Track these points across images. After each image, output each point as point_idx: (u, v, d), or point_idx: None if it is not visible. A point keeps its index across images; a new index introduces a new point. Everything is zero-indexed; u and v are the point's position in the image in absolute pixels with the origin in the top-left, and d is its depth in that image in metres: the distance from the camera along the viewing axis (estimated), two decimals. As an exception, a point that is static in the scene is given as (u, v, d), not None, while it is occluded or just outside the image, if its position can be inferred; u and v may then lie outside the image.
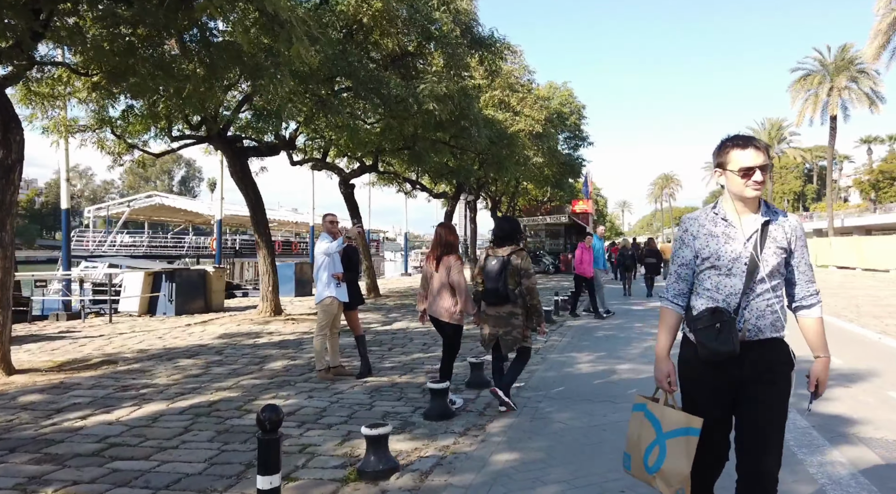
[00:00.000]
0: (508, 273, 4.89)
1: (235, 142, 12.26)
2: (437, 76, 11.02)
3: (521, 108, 19.33)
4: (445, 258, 5.13)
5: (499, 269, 4.88)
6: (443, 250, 5.17)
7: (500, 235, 5.12)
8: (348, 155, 16.41)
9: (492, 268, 4.94)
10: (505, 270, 4.88)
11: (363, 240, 17.36)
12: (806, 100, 39.92)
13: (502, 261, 4.92)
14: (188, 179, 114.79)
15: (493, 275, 4.90)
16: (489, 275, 4.95)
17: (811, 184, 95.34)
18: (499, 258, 4.95)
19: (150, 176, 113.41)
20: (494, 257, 4.99)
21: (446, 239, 5.22)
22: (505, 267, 4.89)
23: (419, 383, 6.34)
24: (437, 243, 5.27)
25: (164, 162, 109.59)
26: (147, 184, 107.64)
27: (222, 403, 5.47)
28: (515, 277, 4.91)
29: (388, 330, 10.30)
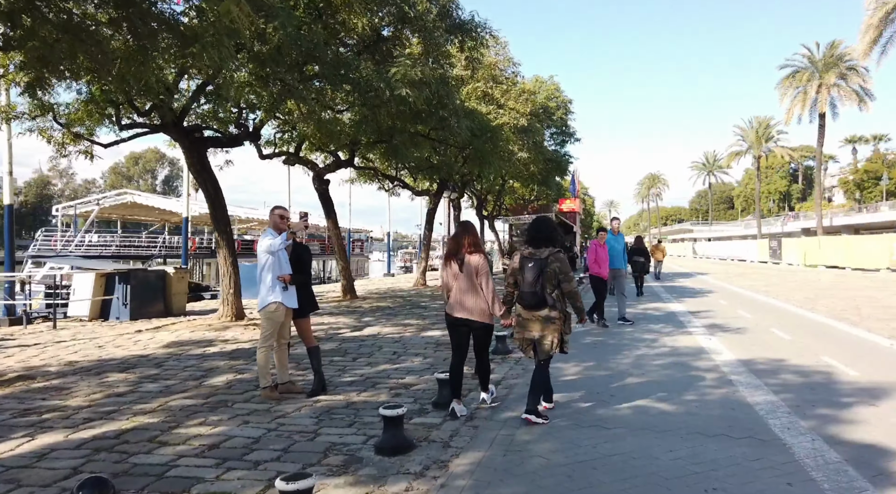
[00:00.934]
0: (546, 276, 4.69)
1: (194, 132, 11.27)
2: (411, 60, 10.11)
3: (505, 101, 18.48)
4: (470, 257, 4.97)
5: (537, 272, 4.69)
6: (466, 249, 5.01)
7: (537, 236, 4.88)
8: (321, 148, 15.45)
9: (529, 271, 4.73)
10: (543, 273, 4.68)
11: (339, 238, 16.42)
12: (794, 97, 39.55)
13: (540, 264, 4.71)
14: (172, 178, 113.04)
15: (531, 279, 4.70)
16: (526, 278, 4.74)
17: (797, 183, 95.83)
18: (536, 260, 4.74)
19: (132, 175, 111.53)
20: (531, 259, 4.76)
21: (469, 238, 5.09)
22: (543, 270, 4.69)
23: (379, 402, 5.44)
24: (459, 242, 5.10)
25: (148, 161, 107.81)
26: (130, 183, 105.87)
27: (134, 433, 4.53)
28: (553, 281, 4.73)
29: (357, 337, 9.39)
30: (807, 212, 70.90)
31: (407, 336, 9.51)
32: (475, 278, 4.93)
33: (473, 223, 5.92)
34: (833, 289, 18.18)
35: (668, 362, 7.20)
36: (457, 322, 5.01)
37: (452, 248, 5.13)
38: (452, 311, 5.01)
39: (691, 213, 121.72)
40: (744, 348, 8.04)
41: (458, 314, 4.98)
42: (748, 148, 57.54)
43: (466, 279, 4.95)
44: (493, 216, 38.33)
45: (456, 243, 5.12)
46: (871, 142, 75.07)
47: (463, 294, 4.96)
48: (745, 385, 5.92)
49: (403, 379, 6.44)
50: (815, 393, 5.57)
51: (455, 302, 5.00)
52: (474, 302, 4.92)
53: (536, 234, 4.90)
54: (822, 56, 38.95)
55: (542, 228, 4.92)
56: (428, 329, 10.31)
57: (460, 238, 5.12)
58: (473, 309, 4.93)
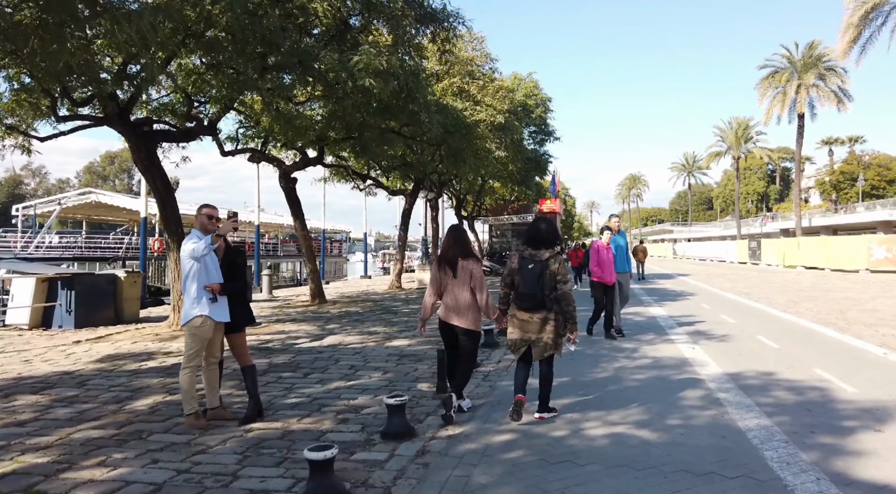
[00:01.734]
0: (546, 278, 4.67)
1: (142, 125, 10.43)
2: (375, 48, 9.39)
3: (481, 97, 17.84)
4: (464, 262, 4.92)
5: (537, 274, 4.66)
6: (459, 253, 4.95)
7: (537, 238, 4.82)
8: (286, 145, 14.66)
9: (529, 272, 4.69)
10: (543, 275, 4.66)
11: (307, 240, 15.63)
12: (774, 98, 39.55)
13: (541, 265, 4.69)
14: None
15: (531, 280, 4.67)
16: (525, 279, 4.70)
17: (774, 184, 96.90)
18: (537, 262, 4.71)
19: (108, 174, 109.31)
20: (532, 261, 4.74)
21: (462, 242, 5.04)
22: (543, 271, 4.67)
23: (320, 432, 4.73)
24: (451, 246, 5.03)
25: (124, 160, 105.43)
26: (105, 183, 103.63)
27: (8, 480, 3.75)
28: (551, 282, 4.70)
29: (315, 348, 8.64)
30: (784, 213, 71.51)
31: (370, 346, 8.79)
32: (469, 283, 4.87)
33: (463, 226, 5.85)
34: (814, 291, 17.86)
35: (650, 376, 6.58)
36: (446, 326, 5.01)
37: (446, 252, 5.05)
38: (445, 317, 4.98)
39: (671, 214, 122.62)
40: (730, 359, 7.47)
41: (450, 319, 4.95)
42: (727, 148, 57.76)
43: (460, 284, 4.89)
44: (473, 216, 37.71)
45: (450, 247, 5.04)
46: (847, 143, 76.02)
47: (456, 299, 4.90)
48: (735, 405, 5.31)
49: (355, 399, 5.73)
50: (812, 416, 4.98)
51: (448, 307, 4.95)
52: (467, 307, 4.89)
53: (536, 235, 4.83)
54: (801, 56, 39.00)
55: (543, 229, 4.86)
56: (394, 337, 9.60)
57: (454, 242, 5.04)
58: (465, 315, 4.89)
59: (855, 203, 59.98)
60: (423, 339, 9.34)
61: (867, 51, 25.49)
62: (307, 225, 16.09)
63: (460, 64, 17.86)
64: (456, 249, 5.01)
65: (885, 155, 73.15)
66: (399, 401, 4.50)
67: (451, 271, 4.97)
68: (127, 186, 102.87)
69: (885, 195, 62.62)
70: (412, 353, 8.12)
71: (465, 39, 19.27)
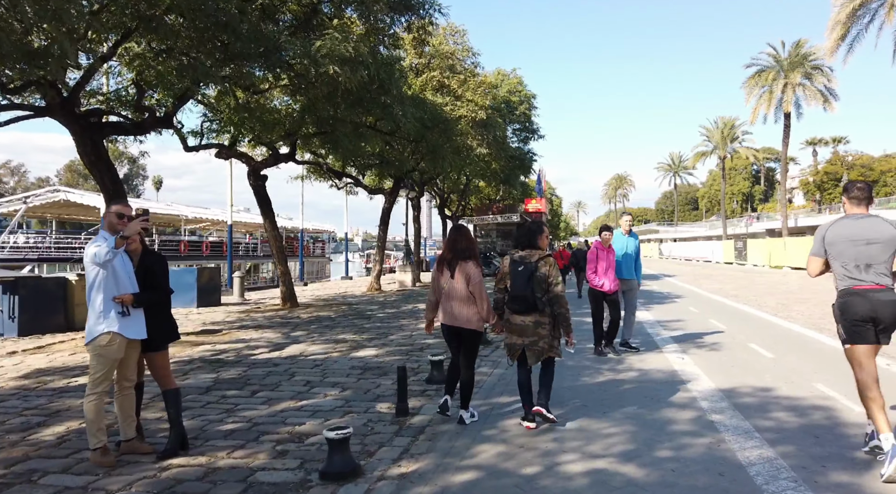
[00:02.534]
0: (536, 280, 4.67)
1: (89, 116, 9.60)
2: (341, 33, 8.66)
3: (462, 92, 17.16)
4: (463, 264, 4.87)
5: (527, 276, 4.66)
6: (459, 255, 4.90)
7: (526, 240, 4.86)
8: (255, 140, 13.87)
9: (519, 275, 4.70)
10: (533, 277, 4.66)
11: (277, 240, 14.84)
12: (760, 97, 39.29)
13: (531, 268, 4.68)
14: (131, 177, 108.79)
15: (521, 283, 4.67)
16: (516, 282, 4.71)
17: (759, 185, 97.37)
18: (526, 264, 4.71)
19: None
20: (521, 263, 4.74)
21: (462, 243, 4.96)
22: (533, 274, 4.67)
23: (251, 468, 4.01)
24: (452, 248, 4.98)
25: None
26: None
27: None
28: (543, 284, 4.70)
29: (272, 360, 7.90)
30: (769, 213, 71.71)
31: (333, 357, 8.06)
32: (469, 285, 4.81)
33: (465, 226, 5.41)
34: (803, 293, 17.41)
35: (636, 393, 5.93)
36: (449, 329, 4.96)
37: (446, 254, 5.01)
38: (446, 319, 4.95)
39: (657, 214, 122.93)
40: (723, 371, 6.86)
41: (450, 321, 4.91)
42: (713, 148, 57.62)
43: (459, 286, 4.84)
44: (458, 216, 37.07)
45: (450, 249, 4.98)
46: (831, 144, 76.41)
47: (455, 301, 4.87)
48: (732, 431, 4.67)
49: (302, 425, 5.01)
50: (820, 444, 4.35)
51: (447, 309, 4.92)
52: (467, 309, 4.84)
53: (525, 238, 4.84)
54: (788, 55, 38.78)
55: (532, 231, 4.87)
56: (362, 346, 8.88)
57: (454, 243, 4.98)
58: (466, 317, 4.85)
59: (839, 203, 60.20)
60: (392, 349, 8.64)
61: (854, 49, 25.22)
62: (290, 224, 15.34)
63: (440, 57, 17.18)
64: (455, 250, 4.94)
65: (867, 156, 73.71)
66: (341, 435, 3.79)
67: (450, 272, 4.91)
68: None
69: (867, 195, 62.91)
70: (377, 366, 7.41)
71: (447, 33, 18.61)
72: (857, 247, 3.94)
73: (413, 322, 11.87)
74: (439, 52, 16.95)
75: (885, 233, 3.90)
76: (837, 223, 4.09)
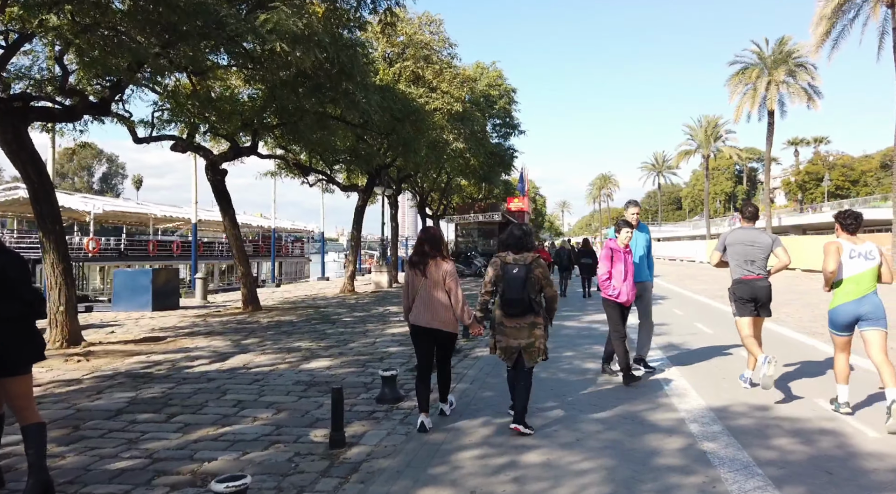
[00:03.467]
0: (531, 281, 4.66)
1: (11, 101, 8.60)
2: (291, 7, 7.75)
3: (438, 84, 16.33)
4: (434, 262, 4.83)
5: (523, 278, 4.63)
6: (428, 254, 4.85)
7: (518, 243, 4.82)
8: (210, 132, 12.91)
9: (514, 277, 4.66)
10: (528, 279, 4.64)
11: (237, 239, 13.88)
12: (744, 94, 38.95)
13: (526, 270, 4.66)
14: (110, 176, 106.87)
15: (517, 285, 4.63)
16: (511, 285, 4.66)
17: (741, 185, 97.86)
18: (521, 266, 4.69)
19: (66, 172, 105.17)
20: (515, 265, 4.71)
21: (430, 242, 4.92)
22: (528, 275, 4.64)
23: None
24: (421, 247, 4.92)
25: (83, 157, 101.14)
26: (64, 181, 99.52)
27: None
28: (536, 286, 4.73)
29: (208, 373, 6.99)
30: (752, 213, 71.72)
31: (279, 370, 7.17)
32: (443, 285, 4.78)
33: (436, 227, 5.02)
34: (789, 294, 16.84)
35: (616, 415, 5.14)
36: (422, 331, 4.84)
37: (418, 254, 4.93)
38: (418, 320, 4.83)
39: (641, 215, 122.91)
40: (713, 384, 6.10)
41: (425, 323, 4.79)
42: (697, 147, 57.42)
43: (433, 286, 4.79)
44: (439, 215, 36.26)
45: (422, 248, 4.92)
46: (813, 144, 76.90)
47: (430, 301, 4.79)
48: (728, 465, 3.89)
49: (212, 461, 4.13)
50: (836, 485, 3.58)
51: (421, 310, 4.82)
52: (442, 310, 4.78)
53: (517, 241, 4.81)
54: (772, 52, 38.47)
55: (522, 234, 4.85)
56: (316, 356, 8.00)
57: (426, 243, 4.92)
58: (441, 318, 4.79)
59: (821, 203, 60.45)
60: (349, 359, 7.78)
61: (840, 45, 24.80)
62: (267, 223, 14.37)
63: (414, 47, 16.32)
64: (426, 250, 4.86)
65: (847, 156, 74.30)
66: (232, 489, 2.92)
67: (421, 272, 4.83)
68: (87, 184, 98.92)
69: (849, 195, 63.38)
70: (326, 380, 6.55)
71: (422, 22, 17.77)
72: (745, 249, 5.64)
73: (380, 326, 11.02)
74: (413, 41, 16.10)
75: (764, 240, 5.69)
76: (735, 231, 5.85)
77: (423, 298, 4.82)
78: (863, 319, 4.86)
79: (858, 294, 4.86)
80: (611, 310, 6.28)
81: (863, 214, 5.36)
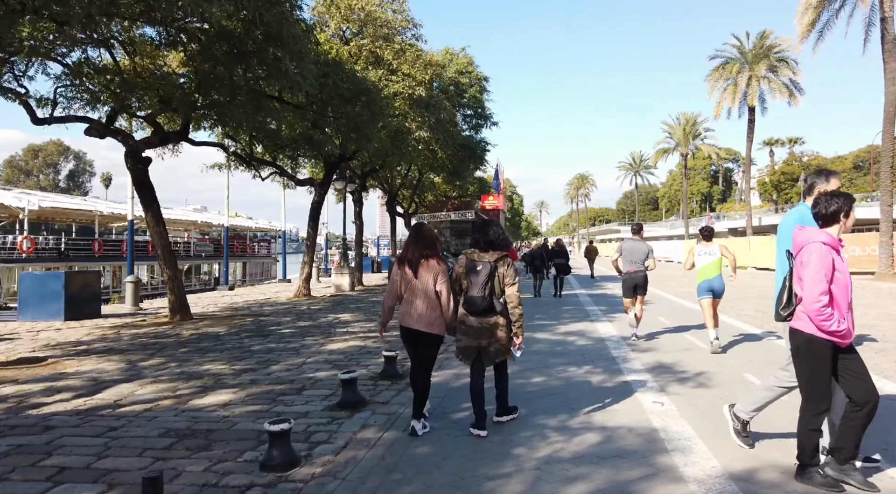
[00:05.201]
0: (495, 281, 4.53)
1: None
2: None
3: (398, 65, 14.67)
4: (427, 262, 4.61)
5: (486, 277, 4.50)
6: (422, 253, 4.62)
7: (485, 240, 4.62)
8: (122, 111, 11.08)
9: (477, 276, 4.53)
10: (492, 278, 4.51)
11: (162, 238, 12.03)
12: (724, 90, 37.99)
13: (490, 269, 4.52)
14: (77, 174, 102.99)
15: (480, 284, 4.50)
16: (474, 283, 4.53)
17: (717, 185, 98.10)
18: (485, 264, 4.55)
19: (31, 169, 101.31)
20: (480, 263, 4.56)
21: (425, 241, 4.67)
22: (492, 274, 4.51)
23: None
24: (413, 245, 4.67)
25: (49, 154, 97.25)
26: (28, 179, 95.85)
27: None
28: (501, 285, 4.56)
29: (55, 416, 5.24)
30: (727, 213, 71.65)
31: (157, 409, 5.45)
32: (434, 285, 4.57)
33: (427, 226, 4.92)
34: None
35: (594, 487, 3.56)
36: (412, 333, 4.62)
37: (407, 251, 4.70)
38: (406, 322, 4.61)
39: (618, 214, 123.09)
40: (723, 428, 4.53)
41: (413, 324, 4.58)
42: (676, 145, 56.61)
43: (423, 286, 4.59)
44: (410, 214, 34.61)
45: (411, 246, 4.68)
46: (787, 144, 77.10)
47: (418, 302, 4.57)
48: None
49: None
50: None
51: (408, 311, 4.60)
52: (431, 311, 4.57)
53: (484, 238, 4.63)
54: (753, 46, 37.59)
55: (490, 232, 4.65)
56: (217, 387, 6.29)
57: (416, 240, 4.69)
58: (428, 320, 4.56)
59: (797, 202, 60.24)
60: (258, 391, 6.09)
61: (825, 36, 23.79)
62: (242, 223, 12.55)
63: (372, 24, 14.63)
64: (418, 248, 4.64)
65: (821, 157, 74.70)
66: None
67: (412, 272, 4.61)
68: (53, 182, 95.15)
69: (823, 195, 63.34)
70: (208, 428, 4.86)
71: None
72: (632, 253, 8.82)
73: (321, 341, 9.34)
74: (370, 16, 14.41)
75: (643, 248, 8.84)
76: (626, 240, 9.06)
77: (411, 299, 4.61)
78: (714, 292, 7.99)
79: (708, 276, 8.00)
80: (820, 363, 3.49)
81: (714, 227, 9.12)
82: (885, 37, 21.29)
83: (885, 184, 21.59)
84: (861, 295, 16.06)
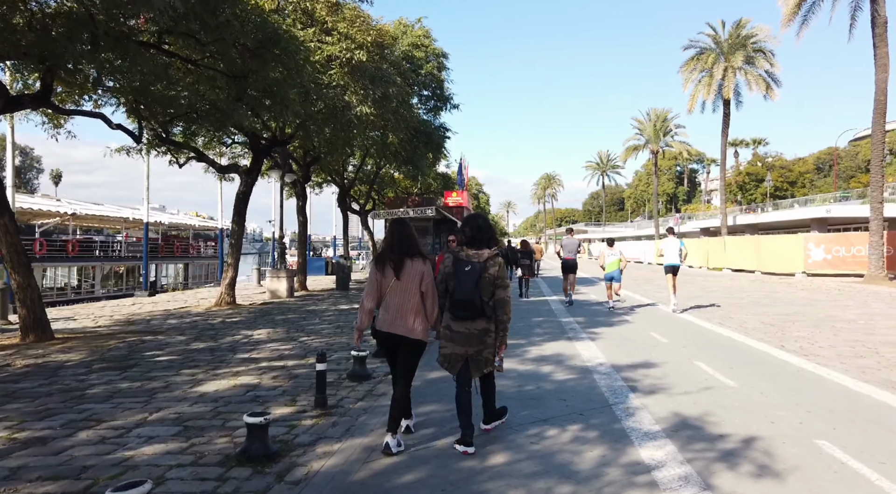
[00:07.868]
0: (484, 282, 4.14)
1: None
2: None
3: (333, 24, 11.99)
4: (411, 261, 4.24)
5: (475, 278, 4.12)
6: (405, 252, 4.24)
7: (473, 236, 4.28)
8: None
9: (465, 276, 4.14)
10: (481, 279, 4.13)
11: (9, 235, 9.06)
12: (699, 82, 36.36)
13: (478, 269, 4.16)
14: (24, 170, 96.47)
15: (468, 285, 4.12)
16: (461, 285, 4.15)
17: (682, 185, 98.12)
18: (473, 264, 4.18)
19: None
20: (468, 262, 4.20)
21: (407, 238, 4.30)
22: (481, 275, 4.13)
23: None
24: (395, 243, 4.27)
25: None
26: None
27: None
28: (490, 288, 4.16)
29: None
30: (693, 213, 71.03)
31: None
32: (419, 287, 4.20)
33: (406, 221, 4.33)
34: (777, 305, 13.54)
35: None
36: (391, 338, 4.22)
37: (388, 251, 4.31)
38: (386, 326, 4.22)
39: (584, 215, 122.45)
40: None
41: (393, 329, 4.18)
42: (646, 142, 55.18)
43: (406, 288, 4.20)
44: (367, 211, 31.81)
45: (393, 244, 4.28)
46: (752, 145, 77.22)
47: (401, 306, 4.19)
48: None
49: None
50: None
51: (390, 315, 4.21)
52: (413, 315, 4.19)
53: (473, 233, 4.28)
54: (728, 36, 36.07)
55: (483, 227, 4.32)
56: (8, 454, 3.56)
57: (399, 238, 4.28)
58: (410, 325, 4.18)
59: (761, 202, 59.71)
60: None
61: (809, 21, 22.12)
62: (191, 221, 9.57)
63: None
64: (401, 247, 4.23)
65: (782, 158, 75.09)
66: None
67: (394, 273, 4.20)
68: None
69: (786, 195, 63.24)
70: None
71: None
72: (567, 247, 14.40)
73: (202, 376, 6.65)
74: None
75: (574, 242, 14.66)
76: (565, 237, 14.93)
77: (391, 301, 4.20)
78: (613, 279, 13.05)
79: (612, 269, 13.00)
80: None
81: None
82: (876, 19, 19.67)
83: (876, 179, 19.97)
84: (864, 302, 14.12)
